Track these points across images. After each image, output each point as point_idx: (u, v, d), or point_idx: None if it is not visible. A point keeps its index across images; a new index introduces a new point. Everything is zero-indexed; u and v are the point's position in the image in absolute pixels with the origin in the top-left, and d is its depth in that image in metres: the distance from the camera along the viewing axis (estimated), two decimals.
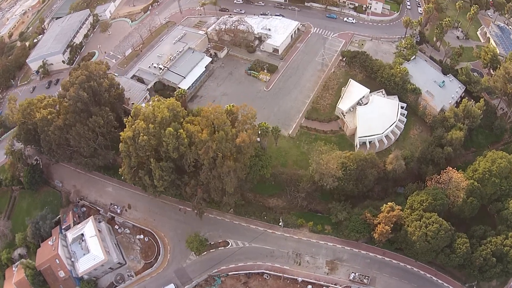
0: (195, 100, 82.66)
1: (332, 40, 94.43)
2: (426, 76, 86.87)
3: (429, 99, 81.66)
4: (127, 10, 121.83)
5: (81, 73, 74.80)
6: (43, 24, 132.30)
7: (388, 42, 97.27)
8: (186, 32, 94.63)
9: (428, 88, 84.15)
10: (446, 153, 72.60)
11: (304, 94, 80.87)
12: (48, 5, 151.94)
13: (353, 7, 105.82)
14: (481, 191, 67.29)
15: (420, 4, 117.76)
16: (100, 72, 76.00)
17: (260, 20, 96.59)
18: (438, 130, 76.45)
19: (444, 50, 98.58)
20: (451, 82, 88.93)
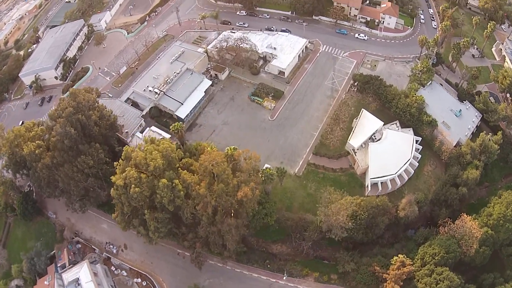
0: (194, 129, 73.55)
1: (343, 61, 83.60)
2: (443, 104, 77.38)
3: (445, 132, 72.63)
4: (123, 20, 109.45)
5: (68, 104, 65.86)
6: (37, 33, 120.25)
7: (402, 63, 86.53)
8: (185, 50, 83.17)
9: (444, 118, 75.08)
10: (461, 194, 65.33)
11: (312, 125, 71.63)
12: (45, 10, 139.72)
13: (364, 22, 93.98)
14: (494, 238, 61.00)
15: (433, 17, 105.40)
16: (89, 102, 66.65)
17: (265, 37, 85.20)
18: (453, 168, 68.48)
19: (461, 73, 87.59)
20: (467, 110, 79.36)
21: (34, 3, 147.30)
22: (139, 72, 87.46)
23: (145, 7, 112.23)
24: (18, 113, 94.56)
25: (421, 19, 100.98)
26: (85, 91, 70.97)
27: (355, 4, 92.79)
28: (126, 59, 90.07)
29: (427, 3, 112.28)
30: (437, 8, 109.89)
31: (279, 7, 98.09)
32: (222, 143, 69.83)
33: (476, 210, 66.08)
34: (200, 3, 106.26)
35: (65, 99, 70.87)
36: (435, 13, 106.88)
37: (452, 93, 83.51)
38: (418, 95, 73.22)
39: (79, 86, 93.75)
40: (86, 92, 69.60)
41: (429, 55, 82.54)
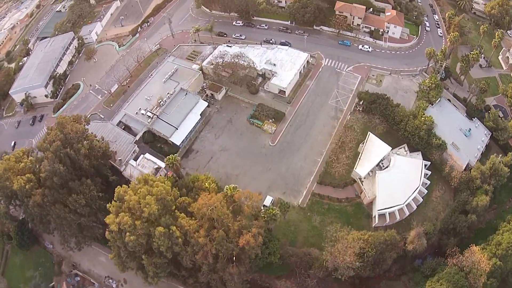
0: (190, 155, 67.37)
1: (347, 76, 76.47)
2: (452, 123, 71.10)
3: (455, 156, 66.62)
4: (114, 32, 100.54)
5: (55, 136, 59.44)
6: (27, 46, 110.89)
7: (409, 77, 79.16)
8: (178, 68, 75.44)
9: (453, 138, 68.96)
10: (470, 222, 60.17)
11: (315, 150, 65.56)
12: (36, 19, 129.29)
13: (368, 31, 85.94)
14: (502, 268, 55.97)
15: (439, 24, 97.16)
16: (78, 134, 59.54)
17: (263, 52, 77.46)
18: (462, 194, 62.87)
19: (469, 87, 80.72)
20: (477, 128, 72.82)
21: (26, 12, 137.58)
22: (131, 91, 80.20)
23: (136, 17, 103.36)
24: (10, 132, 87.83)
25: (426, 26, 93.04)
26: (73, 119, 63.83)
27: (358, 13, 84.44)
28: (118, 76, 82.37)
29: (431, 8, 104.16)
30: (442, 14, 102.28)
31: (278, 17, 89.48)
32: (220, 172, 64.74)
33: (484, 234, 61.78)
34: (194, 13, 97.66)
35: (52, 129, 63.70)
36: (440, 19, 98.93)
37: (461, 109, 77.22)
38: (427, 115, 67.00)
39: (70, 105, 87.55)
40: (74, 121, 62.55)
41: (438, 70, 75.31)
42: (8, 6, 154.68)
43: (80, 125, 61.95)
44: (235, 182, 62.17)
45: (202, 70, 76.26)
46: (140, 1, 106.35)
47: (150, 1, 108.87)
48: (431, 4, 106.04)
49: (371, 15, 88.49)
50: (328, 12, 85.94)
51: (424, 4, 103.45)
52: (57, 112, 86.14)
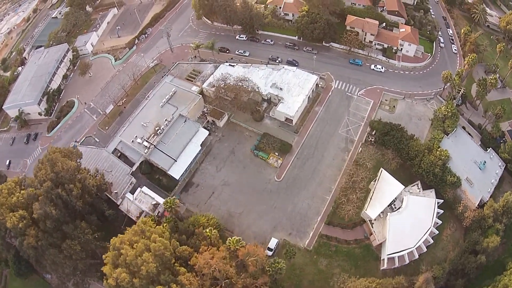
0: (191, 189, 60.88)
1: (358, 101, 68.75)
2: (466, 155, 64.21)
3: (469, 193, 59.70)
4: (110, 44, 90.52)
5: (46, 175, 53.19)
6: (22, 55, 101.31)
7: (423, 101, 71.13)
8: (176, 90, 67.38)
9: (468, 173, 62.24)
10: (479, 263, 54.78)
11: (324, 187, 59.10)
12: (32, 24, 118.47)
13: (381, 49, 76.90)
14: None
15: (453, 39, 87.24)
16: (69, 172, 52.95)
17: (269, 73, 69.10)
18: (473, 233, 57.01)
19: (486, 115, 72.03)
20: (491, 160, 65.85)
21: (23, 16, 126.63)
22: (127, 112, 72.59)
23: (134, 27, 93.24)
24: (5, 150, 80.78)
25: (441, 42, 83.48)
26: (64, 154, 57.05)
27: (371, 29, 75.44)
28: (113, 95, 74.44)
29: (445, 21, 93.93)
30: (455, 28, 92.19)
31: (285, 31, 79.69)
32: (222, 209, 58.67)
33: (492, 270, 56.39)
34: (194, 24, 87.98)
35: (43, 163, 56.40)
36: (454, 34, 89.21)
37: (476, 137, 69.83)
38: (442, 148, 59.99)
39: (65, 124, 79.33)
40: (65, 157, 55.75)
41: (454, 96, 67.38)
42: (6, 8, 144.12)
43: (72, 162, 55.38)
44: (238, 221, 57.31)
45: (202, 92, 68.53)
46: (138, 9, 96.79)
47: (148, 9, 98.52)
48: (445, 17, 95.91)
49: (384, 31, 79.06)
50: (338, 28, 76.52)
51: (437, 17, 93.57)
52: (51, 131, 79.06)
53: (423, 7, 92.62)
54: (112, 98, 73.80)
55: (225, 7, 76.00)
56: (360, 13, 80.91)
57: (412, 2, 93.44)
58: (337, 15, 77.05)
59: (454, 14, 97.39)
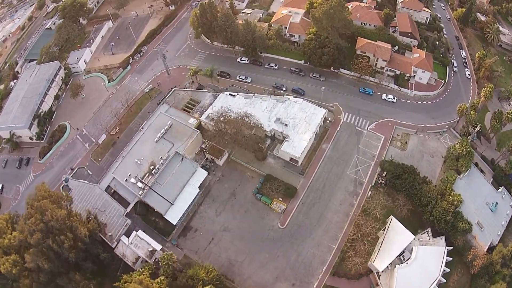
0: (189, 234, 53.46)
1: (368, 136, 60.40)
2: (479, 197, 56.85)
3: (479, 239, 52.73)
4: (104, 61, 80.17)
5: (35, 225, 46.02)
6: (14, 70, 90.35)
7: (436, 135, 62.99)
8: (172, 123, 58.61)
9: (479, 216, 55.13)
10: None
11: (330, 234, 51.89)
12: (27, 33, 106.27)
13: (393, 75, 67.83)
14: None
15: (466, 62, 77.66)
16: (59, 221, 46.02)
17: (273, 105, 60.25)
18: (480, 280, 51.03)
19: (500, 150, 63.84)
20: (503, 199, 58.48)
21: (18, 23, 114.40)
22: (120, 143, 63.99)
23: (129, 43, 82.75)
24: None
25: (454, 66, 74.38)
26: (53, 200, 49.36)
27: (383, 55, 66.08)
28: (105, 123, 65.92)
29: (457, 41, 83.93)
30: (468, 49, 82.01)
31: (290, 55, 70.21)
32: (222, 257, 51.62)
33: None
34: (193, 43, 77.65)
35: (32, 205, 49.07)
36: (467, 56, 79.69)
37: (488, 174, 62.29)
38: (454, 192, 52.44)
39: (57, 150, 70.78)
40: (54, 203, 48.34)
41: (469, 132, 59.51)
42: (3, 12, 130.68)
43: (62, 211, 47.97)
44: (239, 270, 50.73)
45: (200, 125, 60.15)
46: (134, 23, 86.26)
47: (144, 23, 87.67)
48: (457, 37, 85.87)
49: (397, 55, 69.58)
50: (348, 52, 67.14)
51: (449, 36, 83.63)
52: (43, 158, 70.91)
53: (436, 26, 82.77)
54: (104, 126, 65.23)
55: (226, 27, 66.03)
56: (371, 35, 71.52)
57: (425, 21, 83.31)
58: (347, 38, 67.09)
59: (467, 34, 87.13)
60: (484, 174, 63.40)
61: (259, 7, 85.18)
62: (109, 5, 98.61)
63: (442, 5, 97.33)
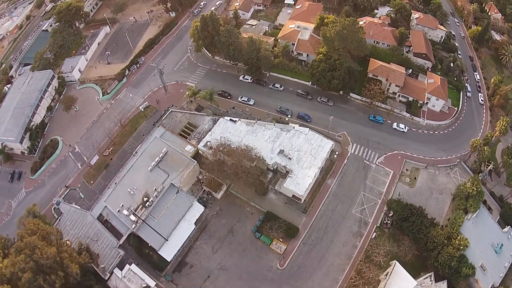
0: (184, 270, 47.09)
1: (377, 171, 52.74)
2: (485, 238, 50.36)
3: (481, 283, 46.76)
4: (99, 71, 71.08)
5: (25, 263, 39.74)
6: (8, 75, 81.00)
7: (446, 169, 55.01)
8: (168, 151, 50.69)
9: (483, 258, 49.08)
10: None
11: (330, 277, 45.76)
12: (24, 34, 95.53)
13: (405, 101, 59.10)
14: None
15: (480, 86, 68.78)
16: (50, 260, 39.99)
17: (277, 134, 51.81)
18: None
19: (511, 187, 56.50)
20: (508, 240, 51.50)
21: (16, 22, 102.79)
22: (113, 165, 56.28)
23: (126, 52, 73.28)
24: None
25: (468, 91, 65.66)
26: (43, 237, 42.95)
27: (397, 80, 57.31)
28: (98, 143, 58.17)
29: (471, 62, 74.54)
30: (482, 71, 73.13)
31: (296, 75, 60.99)
32: None
33: None
34: (193, 56, 68.28)
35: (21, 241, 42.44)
36: (481, 79, 70.96)
37: (495, 210, 54.75)
38: (462, 235, 46.40)
39: (49, 167, 62.77)
40: (44, 240, 42.01)
41: (481, 169, 52.32)
42: (3, 8, 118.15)
43: (52, 249, 41.66)
44: None
45: (198, 152, 52.28)
46: (132, 30, 76.38)
47: (143, 30, 77.64)
48: (471, 57, 76.30)
49: (410, 80, 60.37)
50: (359, 74, 58.20)
51: (463, 56, 73.89)
52: (35, 174, 63.30)
53: (451, 46, 73.35)
54: (97, 146, 57.69)
55: (228, 44, 56.63)
56: (384, 55, 62.63)
57: (439, 39, 73.87)
58: (359, 59, 57.92)
59: (481, 54, 77.33)
60: (491, 212, 55.87)
61: (265, 17, 74.71)
62: (108, 8, 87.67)
63: (457, 20, 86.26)
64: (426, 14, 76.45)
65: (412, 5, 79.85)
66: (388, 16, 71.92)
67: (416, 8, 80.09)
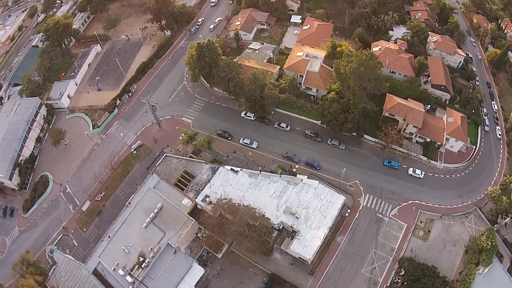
0: None
1: (389, 225, 43.84)
2: None
3: None
4: (89, 100, 59.47)
5: None
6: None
7: (461, 217, 46.00)
8: (163, 206, 41.64)
9: None
10: None
11: None
12: (16, 46, 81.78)
13: (422, 142, 48.68)
14: None
15: (498, 118, 57.50)
16: None
17: (283, 188, 42.10)
18: None
19: None
20: None
21: (8, 33, 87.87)
22: (106, 212, 47.04)
23: (117, 77, 60.94)
24: None
25: (486, 125, 55.29)
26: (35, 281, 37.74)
27: (415, 121, 46.48)
28: (88, 187, 48.61)
29: (489, 89, 62.53)
30: (500, 100, 61.51)
31: (305, 114, 49.54)
32: None
33: None
34: (189, 86, 55.91)
35: None
36: (499, 110, 59.81)
37: (506, 257, 46.03)
38: None
39: (40, 207, 52.99)
40: None
41: (497, 221, 43.96)
42: None
43: None
44: None
45: (196, 205, 42.97)
46: (124, 51, 63.90)
47: (136, 51, 64.96)
48: (489, 83, 64.47)
49: (428, 117, 49.54)
50: (374, 115, 47.66)
51: (481, 83, 62.59)
52: (27, 212, 53.96)
53: (469, 73, 61.40)
54: (87, 191, 48.28)
55: (228, 79, 45.63)
56: (400, 88, 51.30)
57: (457, 65, 61.75)
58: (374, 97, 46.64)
59: (499, 80, 65.54)
60: (502, 259, 46.87)
61: (269, 38, 61.32)
62: (99, 22, 73.38)
63: (473, 40, 72.90)
64: (443, 35, 63.26)
65: (428, 24, 66.25)
66: (405, 40, 58.85)
67: (432, 27, 66.70)
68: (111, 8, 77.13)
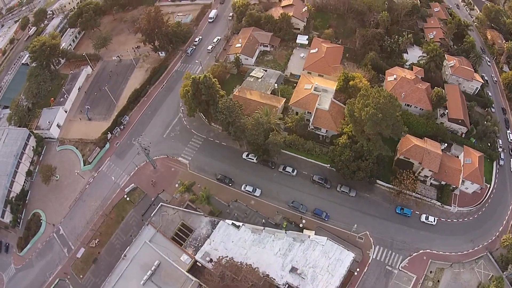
0: None
1: (399, 278, 37.76)
2: None
3: None
4: (79, 131, 50.63)
5: None
6: None
7: (471, 264, 39.95)
8: (161, 262, 34.82)
9: None
10: None
11: None
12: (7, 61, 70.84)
13: (437, 185, 41.42)
14: None
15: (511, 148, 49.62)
16: None
17: (288, 246, 35.11)
18: None
19: None
20: None
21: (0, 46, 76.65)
22: (102, 261, 40.52)
23: (108, 105, 51.53)
24: None
25: (501, 159, 47.32)
26: None
27: (431, 165, 38.99)
28: (81, 234, 41.78)
29: (504, 115, 54.12)
30: None
31: (313, 157, 41.36)
32: None
33: None
34: (186, 120, 46.64)
35: None
36: None
37: None
38: None
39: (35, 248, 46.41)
40: None
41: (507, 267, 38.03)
42: None
43: None
44: None
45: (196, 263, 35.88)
46: (116, 73, 54.22)
47: (128, 74, 55.05)
48: (504, 109, 55.63)
49: (444, 157, 41.46)
50: (389, 162, 39.81)
51: (496, 109, 53.69)
52: (22, 251, 47.36)
53: (485, 101, 52.61)
54: (80, 238, 41.65)
55: (228, 122, 37.38)
56: (416, 125, 43.15)
57: (473, 91, 52.65)
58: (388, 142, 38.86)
59: None
60: None
61: (273, 63, 51.18)
62: (90, 39, 62.39)
63: (488, 59, 63.01)
64: (459, 58, 53.91)
65: (443, 43, 56.38)
66: (421, 68, 48.91)
67: (447, 47, 57.12)
68: (103, 23, 65.99)
